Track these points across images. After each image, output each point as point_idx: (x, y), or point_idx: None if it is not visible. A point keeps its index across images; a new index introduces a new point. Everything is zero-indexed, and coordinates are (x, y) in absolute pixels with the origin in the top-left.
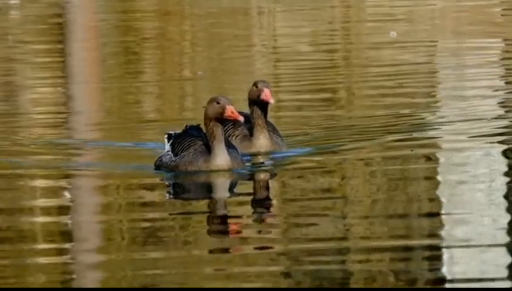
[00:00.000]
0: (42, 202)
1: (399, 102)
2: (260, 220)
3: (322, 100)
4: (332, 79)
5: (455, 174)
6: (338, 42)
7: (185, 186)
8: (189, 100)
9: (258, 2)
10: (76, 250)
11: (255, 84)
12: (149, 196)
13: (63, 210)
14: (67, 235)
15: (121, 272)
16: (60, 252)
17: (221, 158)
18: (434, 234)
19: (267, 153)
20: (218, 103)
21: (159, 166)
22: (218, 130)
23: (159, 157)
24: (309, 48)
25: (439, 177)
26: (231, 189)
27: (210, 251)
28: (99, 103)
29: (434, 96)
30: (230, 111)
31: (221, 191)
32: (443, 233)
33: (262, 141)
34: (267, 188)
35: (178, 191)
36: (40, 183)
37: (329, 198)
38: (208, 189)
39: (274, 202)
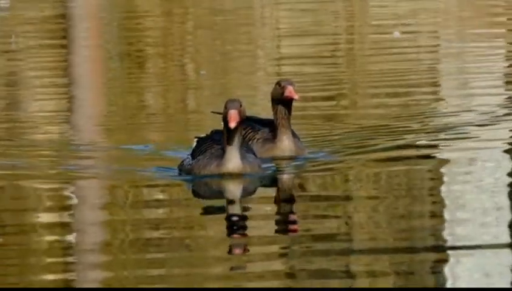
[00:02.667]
0: (48, 214)
1: (403, 106)
2: (265, 225)
3: (326, 103)
4: (335, 81)
5: (460, 179)
6: (341, 45)
7: (196, 190)
8: (192, 100)
9: (261, 2)
10: (83, 262)
11: (278, 83)
12: (159, 201)
13: (68, 224)
14: (74, 246)
15: (125, 276)
16: (66, 265)
17: (232, 162)
18: (437, 240)
19: (290, 157)
20: (225, 107)
21: (180, 170)
22: (234, 134)
23: (182, 161)
24: (312, 48)
25: (444, 185)
26: (239, 194)
27: (215, 254)
28: (103, 106)
29: (438, 100)
30: (229, 116)
31: (230, 195)
32: (446, 238)
33: (286, 143)
34: (278, 193)
35: (188, 195)
36: (45, 190)
37: (339, 205)
38: (217, 194)
39: (281, 207)
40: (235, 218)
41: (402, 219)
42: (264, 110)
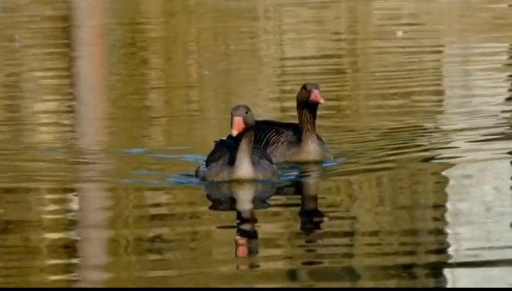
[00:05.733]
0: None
1: (406, 110)
2: (270, 235)
3: (329, 105)
4: (338, 83)
5: (464, 187)
6: (344, 45)
7: (207, 199)
8: (196, 100)
9: (264, 3)
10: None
11: (304, 87)
12: (167, 208)
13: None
14: (75, 250)
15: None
16: (68, 268)
17: (243, 168)
18: (440, 250)
19: (315, 162)
20: (231, 114)
21: (196, 176)
22: (242, 140)
23: (198, 167)
24: (314, 48)
25: (448, 196)
26: (251, 203)
27: (220, 267)
28: (106, 107)
29: (441, 104)
30: (233, 123)
31: (242, 204)
32: (449, 248)
33: (311, 147)
34: (287, 200)
35: (198, 204)
36: (48, 195)
37: (345, 217)
38: (229, 202)
39: (287, 215)
40: (244, 230)
41: (407, 233)
42: (266, 108)
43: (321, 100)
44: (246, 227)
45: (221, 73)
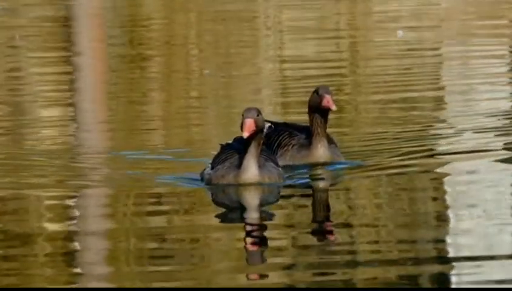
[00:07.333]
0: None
1: (407, 114)
2: (274, 242)
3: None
4: (338, 83)
5: (465, 192)
6: (344, 46)
7: (212, 201)
8: (196, 100)
9: (265, 4)
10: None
11: (316, 91)
12: (171, 212)
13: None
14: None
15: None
16: (68, 277)
17: (249, 172)
18: (440, 257)
19: (324, 164)
20: (242, 116)
21: (201, 178)
22: (252, 143)
23: (203, 169)
24: (316, 49)
25: (448, 197)
26: (255, 205)
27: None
28: (107, 108)
29: (442, 107)
30: (244, 125)
31: (246, 207)
32: (449, 255)
33: (321, 151)
34: (292, 204)
35: (202, 206)
36: (48, 198)
37: (346, 218)
38: (234, 205)
39: (292, 220)
40: (250, 237)
41: (407, 231)
42: (266, 108)
43: (333, 107)
44: (252, 233)
45: (221, 72)
